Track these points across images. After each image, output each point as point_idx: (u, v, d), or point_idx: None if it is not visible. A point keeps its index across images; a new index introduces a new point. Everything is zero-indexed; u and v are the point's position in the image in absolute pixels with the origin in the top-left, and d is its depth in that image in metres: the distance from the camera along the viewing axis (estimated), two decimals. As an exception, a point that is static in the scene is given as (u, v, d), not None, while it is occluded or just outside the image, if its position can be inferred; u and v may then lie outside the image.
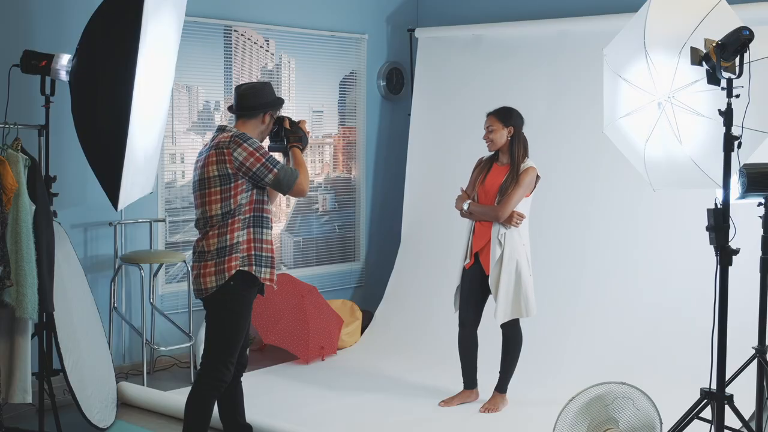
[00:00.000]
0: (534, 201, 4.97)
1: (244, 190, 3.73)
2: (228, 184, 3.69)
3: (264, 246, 3.81)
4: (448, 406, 5.01)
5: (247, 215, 3.76)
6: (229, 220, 3.72)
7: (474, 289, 4.93)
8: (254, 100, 3.84)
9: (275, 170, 3.71)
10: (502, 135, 4.85)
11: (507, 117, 4.86)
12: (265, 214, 3.83)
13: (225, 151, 3.67)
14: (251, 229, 3.77)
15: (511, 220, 4.78)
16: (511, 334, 4.91)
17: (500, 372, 4.95)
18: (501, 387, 4.95)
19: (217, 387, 3.81)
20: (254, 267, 3.76)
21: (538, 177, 4.87)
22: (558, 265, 5.92)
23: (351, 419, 4.82)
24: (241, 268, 3.73)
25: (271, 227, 3.87)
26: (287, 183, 3.76)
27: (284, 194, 3.84)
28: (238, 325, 3.80)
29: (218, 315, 3.79)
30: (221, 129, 3.81)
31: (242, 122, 3.86)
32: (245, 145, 3.69)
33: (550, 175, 6.08)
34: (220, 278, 3.71)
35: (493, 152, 4.96)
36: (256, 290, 3.87)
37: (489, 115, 4.91)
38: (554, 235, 5.98)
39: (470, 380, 5.06)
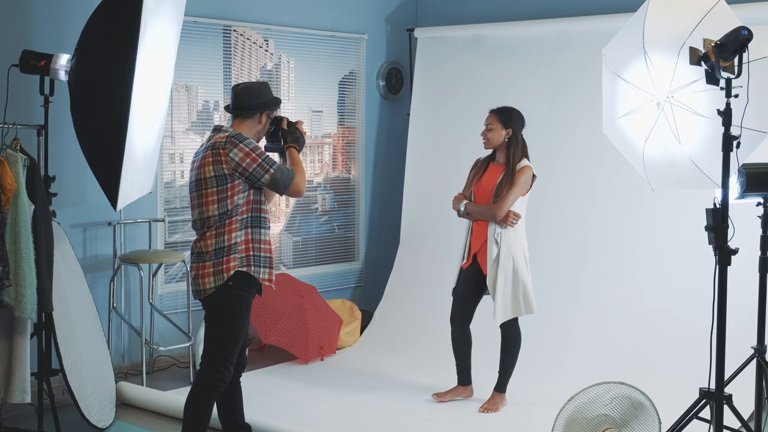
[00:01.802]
0: (534, 200, 4.97)
1: (240, 190, 3.72)
2: (224, 184, 3.69)
3: (262, 246, 3.80)
4: (440, 400, 5.04)
5: (245, 216, 3.76)
6: (227, 221, 3.72)
7: (469, 288, 4.96)
8: (251, 100, 3.83)
9: (272, 170, 3.71)
10: (500, 135, 4.85)
11: (508, 118, 4.87)
12: (262, 215, 3.82)
13: (221, 151, 3.67)
14: (249, 230, 3.77)
15: (507, 220, 4.78)
16: (510, 333, 4.91)
17: (499, 371, 4.96)
18: (500, 387, 4.95)
19: (216, 387, 3.81)
20: (253, 267, 3.76)
21: (534, 176, 4.86)
22: (557, 265, 5.92)
23: (350, 419, 4.82)
24: (239, 269, 3.73)
25: (269, 227, 3.87)
26: (284, 183, 3.75)
27: (281, 194, 3.84)
28: (238, 326, 3.80)
29: (217, 315, 3.78)
30: (217, 129, 3.80)
31: (239, 122, 3.86)
32: (241, 145, 3.68)
33: (549, 174, 6.09)
34: (218, 279, 3.71)
35: (489, 151, 4.96)
36: (254, 291, 3.87)
37: (491, 112, 4.92)
38: (554, 235, 5.98)
39: (464, 377, 5.08)
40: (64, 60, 4.37)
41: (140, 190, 4.72)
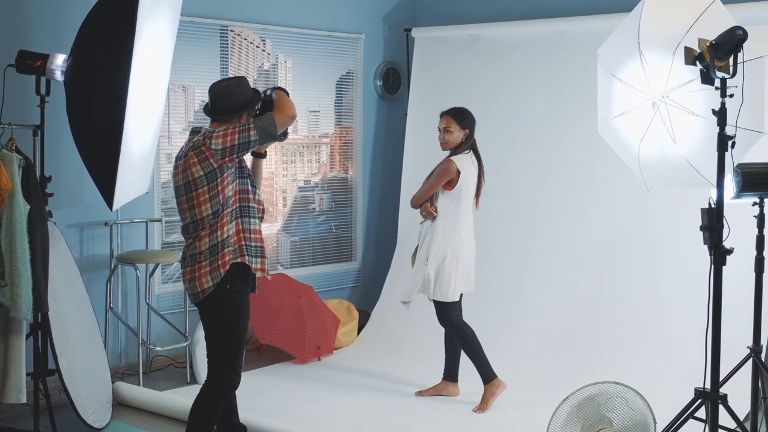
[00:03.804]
0: (531, 200, 4.97)
1: (229, 182, 3.68)
2: (215, 180, 3.64)
3: (252, 236, 3.77)
4: (423, 395, 5.13)
5: (234, 206, 3.73)
6: (219, 216, 3.68)
7: None
8: (228, 104, 3.75)
9: (251, 126, 3.65)
10: (458, 136, 4.92)
11: (464, 119, 4.94)
12: (251, 204, 3.78)
13: (203, 149, 3.62)
14: (239, 220, 3.74)
15: (423, 211, 4.99)
16: (448, 329, 5.04)
17: (475, 368, 4.99)
18: (484, 378, 4.96)
19: (226, 393, 3.80)
20: (247, 257, 3.73)
21: (458, 171, 4.87)
22: (553, 264, 5.92)
23: (347, 419, 4.82)
24: (234, 261, 3.70)
25: (259, 217, 3.83)
26: (270, 124, 3.67)
27: (277, 137, 3.75)
28: (240, 327, 3.76)
29: (217, 320, 3.74)
30: (195, 131, 3.75)
31: (218, 124, 3.77)
32: (215, 133, 3.63)
33: (546, 174, 6.10)
34: (216, 275, 3.68)
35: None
36: (249, 289, 3.85)
37: (444, 114, 4.97)
38: (550, 233, 5.99)
39: (448, 372, 5.15)
40: (60, 60, 4.37)
41: (137, 190, 4.72)
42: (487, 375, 4.95)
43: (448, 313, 4.96)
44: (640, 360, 5.29)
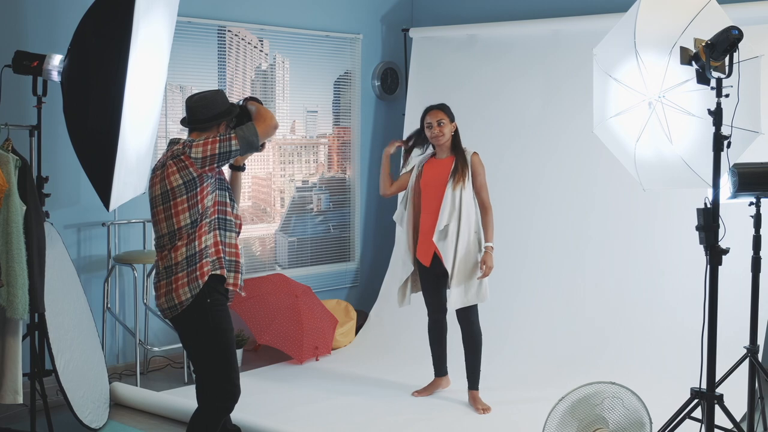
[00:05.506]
0: (527, 200, 4.97)
1: (209, 192, 3.62)
2: (194, 189, 3.57)
3: (228, 250, 3.70)
4: (420, 396, 5.14)
5: (213, 217, 3.65)
6: (197, 226, 3.60)
7: (433, 281, 5.05)
8: (206, 113, 3.69)
9: (233, 135, 3.58)
10: (451, 129, 4.98)
11: (451, 112, 5.01)
12: (228, 217, 3.72)
13: (182, 157, 3.55)
14: (217, 232, 3.67)
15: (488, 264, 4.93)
16: (469, 326, 4.99)
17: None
18: (471, 384, 4.99)
19: (229, 408, 3.74)
20: (225, 270, 3.66)
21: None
22: (550, 263, 5.92)
23: (345, 419, 4.82)
24: (213, 272, 3.61)
25: (237, 232, 3.76)
26: (252, 134, 3.60)
27: (259, 146, 3.68)
28: (227, 338, 3.69)
29: (202, 337, 3.65)
30: (174, 142, 3.68)
31: (196, 135, 3.71)
32: (196, 142, 3.58)
33: (543, 174, 6.11)
34: (194, 287, 3.57)
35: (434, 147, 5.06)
36: (227, 299, 3.75)
37: (434, 109, 5.00)
38: (547, 234, 5.99)
39: (437, 367, 5.18)
40: (56, 60, 4.38)
41: (134, 191, 4.71)
42: (476, 382, 4.97)
43: (476, 310, 4.97)
44: (638, 359, 5.30)
